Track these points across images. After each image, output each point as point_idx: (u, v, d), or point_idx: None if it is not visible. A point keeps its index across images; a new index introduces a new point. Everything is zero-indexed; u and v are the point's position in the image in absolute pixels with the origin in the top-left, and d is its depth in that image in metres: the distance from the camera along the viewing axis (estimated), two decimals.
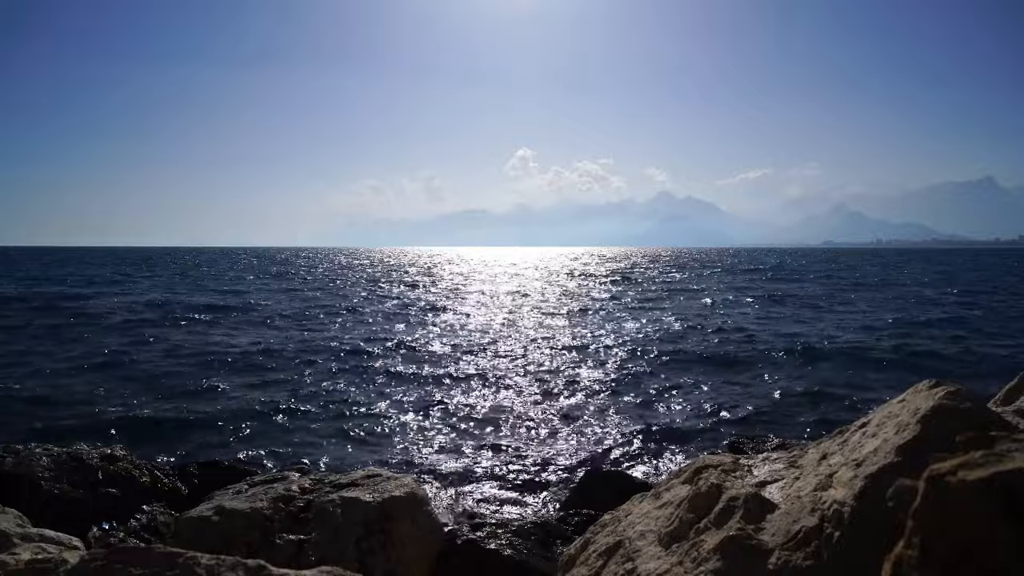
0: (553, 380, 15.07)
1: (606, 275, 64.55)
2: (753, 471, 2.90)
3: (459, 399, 13.35)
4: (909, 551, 1.24)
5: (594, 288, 46.59)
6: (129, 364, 16.72)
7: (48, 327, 22.87)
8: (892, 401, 2.62)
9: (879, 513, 2.06)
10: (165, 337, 21.13)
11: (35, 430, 10.56)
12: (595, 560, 2.96)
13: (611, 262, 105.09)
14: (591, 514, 4.76)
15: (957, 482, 1.19)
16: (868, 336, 21.75)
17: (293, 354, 18.37)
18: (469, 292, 43.29)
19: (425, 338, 21.57)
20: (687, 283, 51.99)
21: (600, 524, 3.30)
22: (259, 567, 2.74)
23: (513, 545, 4.39)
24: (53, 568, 2.95)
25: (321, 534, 4.11)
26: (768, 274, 65.40)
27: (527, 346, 19.94)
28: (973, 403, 2.30)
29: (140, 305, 31.35)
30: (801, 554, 2.21)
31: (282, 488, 4.50)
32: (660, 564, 2.58)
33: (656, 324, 25.44)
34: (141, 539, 4.69)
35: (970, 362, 17.54)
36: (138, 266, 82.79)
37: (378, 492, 4.40)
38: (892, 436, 2.33)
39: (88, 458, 5.71)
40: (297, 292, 41.97)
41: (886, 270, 74.34)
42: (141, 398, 13.24)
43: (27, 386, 13.95)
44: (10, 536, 3.32)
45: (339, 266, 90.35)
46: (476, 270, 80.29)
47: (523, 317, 28.09)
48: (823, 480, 2.44)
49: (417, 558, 4.31)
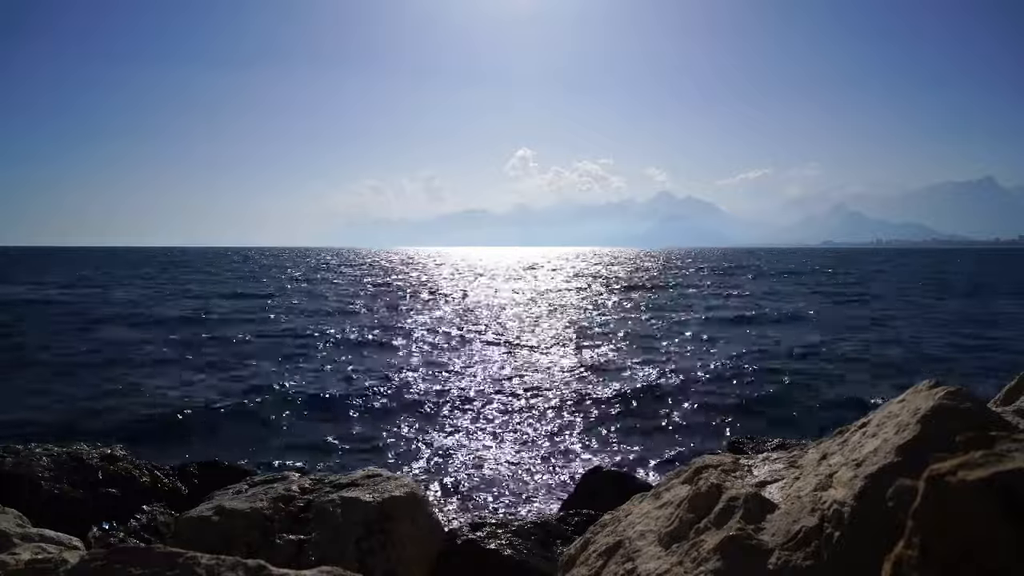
0: (553, 381, 15.07)
1: (609, 277, 64.52)
2: (753, 471, 2.90)
3: (459, 399, 13.35)
4: (909, 551, 1.24)
5: (594, 289, 46.57)
6: (129, 364, 16.71)
7: (45, 327, 22.87)
8: (892, 401, 2.62)
9: (879, 513, 2.06)
10: (165, 337, 21.13)
11: (35, 430, 10.56)
12: (595, 560, 2.96)
13: (616, 264, 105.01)
14: (591, 514, 4.75)
15: (957, 482, 1.19)
16: (869, 336, 21.75)
17: (292, 355, 18.37)
18: (467, 293, 43.27)
19: (425, 339, 21.57)
20: (686, 283, 51.99)
21: (600, 524, 3.30)
22: (259, 567, 2.74)
23: (513, 545, 4.39)
24: (53, 568, 2.95)
25: (321, 534, 4.11)
26: (775, 275, 65.40)
27: (527, 348, 19.94)
28: (973, 403, 2.30)
29: (138, 305, 31.35)
30: (801, 554, 2.21)
31: (282, 488, 4.50)
32: (660, 564, 2.58)
33: (657, 325, 25.44)
34: (141, 539, 4.68)
35: (971, 363, 17.55)
36: (136, 267, 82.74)
37: (378, 492, 4.40)
38: (892, 436, 2.32)
39: (88, 458, 5.70)
40: (297, 292, 41.96)
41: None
42: (141, 398, 13.23)
43: (27, 386, 13.95)
44: (10, 536, 3.32)
45: (333, 267, 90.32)
46: (476, 271, 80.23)
47: (523, 319, 28.09)
48: (823, 480, 2.44)
49: (417, 558, 4.30)
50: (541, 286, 49.10)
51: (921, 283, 50.75)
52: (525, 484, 8.76)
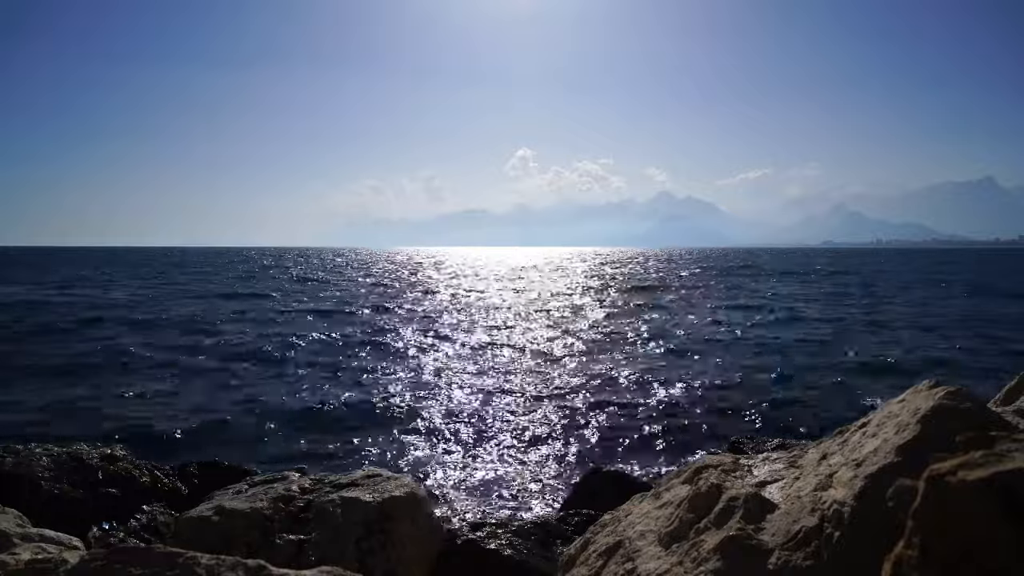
0: (553, 381, 15.07)
1: (610, 277, 64.52)
2: (753, 471, 2.90)
3: (459, 400, 13.35)
4: (909, 551, 1.24)
5: (594, 290, 46.57)
6: (127, 363, 16.71)
7: (41, 326, 22.87)
8: (892, 401, 2.62)
9: (879, 513, 2.06)
10: (164, 337, 21.12)
11: (34, 431, 10.56)
12: (595, 560, 2.96)
13: (617, 264, 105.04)
14: (591, 514, 4.75)
15: (957, 482, 1.19)
16: (869, 337, 21.76)
17: (292, 355, 18.37)
18: (467, 293, 43.26)
19: (424, 339, 21.57)
20: (687, 283, 51.99)
21: (600, 524, 3.30)
22: (259, 567, 2.74)
23: (513, 545, 4.39)
24: (53, 568, 2.95)
25: (321, 534, 4.11)
26: (776, 275, 65.40)
27: (528, 348, 19.94)
28: (973, 403, 2.29)
29: (138, 305, 31.35)
30: (801, 554, 2.21)
31: (282, 488, 4.50)
32: (660, 564, 2.58)
33: (656, 325, 25.43)
34: (141, 539, 4.68)
35: (970, 363, 17.54)
36: (136, 267, 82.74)
37: (378, 492, 4.39)
38: (892, 436, 2.32)
39: (88, 458, 5.70)
40: (297, 293, 41.95)
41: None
42: (140, 397, 13.23)
43: (26, 387, 13.95)
44: (10, 536, 3.32)
45: (336, 266, 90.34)
46: (477, 272, 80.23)
47: (523, 320, 28.08)
48: (823, 480, 2.44)
49: (417, 558, 4.30)
50: (541, 287, 49.09)
51: (921, 283, 50.76)
52: (525, 484, 8.76)
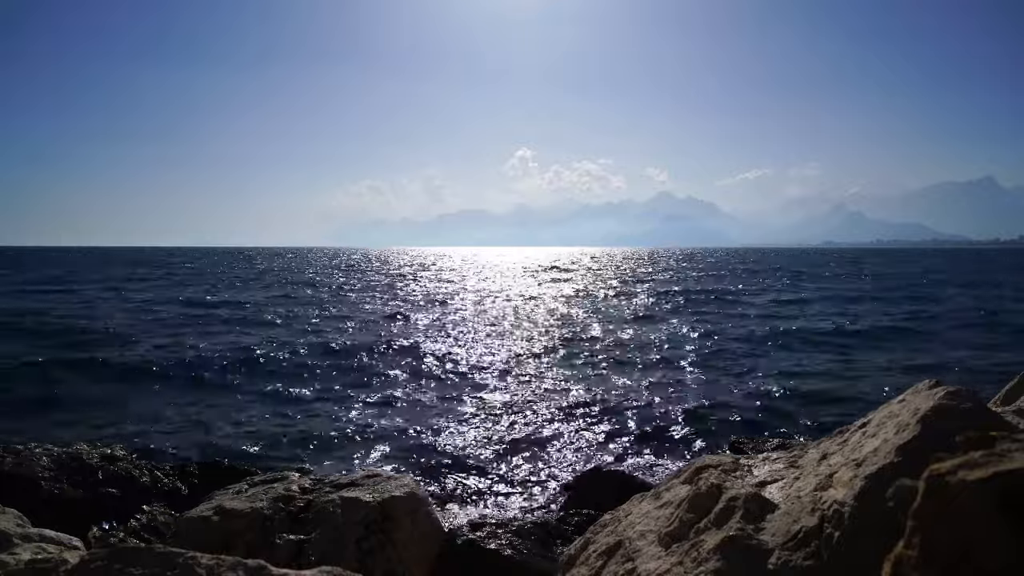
0: (553, 381, 15.07)
1: (610, 277, 64.55)
2: (753, 471, 2.90)
3: (459, 400, 13.35)
4: (909, 551, 1.24)
5: (594, 290, 46.58)
6: (126, 363, 16.71)
7: (40, 326, 22.87)
8: (892, 401, 2.62)
9: (879, 513, 2.06)
10: (163, 337, 21.12)
11: (34, 432, 10.56)
12: (595, 560, 2.96)
13: (617, 264, 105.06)
14: (591, 514, 4.75)
15: (957, 482, 1.19)
16: (869, 336, 21.76)
17: (291, 355, 18.36)
18: (467, 293, 43.27)
19: (424, 340, 21.57)
20: (687, 284, 52.00)
21: (600, 524, 3.30)
22: (259, 567, 2.74)
23: (513, 545, 4.39)
24: (53, 568, 2.95)
25: (321, 534, 4.11)
26: (780, 274, 65.43)
27: (528, 348, 19.94)
28: (973, 403, 2.30)
29: (137, 306, 31.35)
30: (801, 554, 2.21)
31: (282, 488, 4.50)
32: (660, 564, 2.58)
33: (656, 325, 25.44)
34: (141, 539, 4.68)
35: (971, 363, 17.54)
36: (136, 267, 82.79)
37: (378, 492, 4.40)
38: (892, 436, 2.32)
39: (88, 458, 5.71)
40: (296, 293, 41.96)
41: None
42: (140, 397, 13.23)
43: (26, 388, 13.95)
44: (10, 536, 3.32)
45: (337, 267, 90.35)
46: (478, 272, 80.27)
47: (522, 319, 28.08)
48: (823, 480, 2.44)
49: (417, 558, 4.30)
50: (541, 287, 49.10)
51: (921, 283, 50.76)
52: (525, 484, 8.76)
